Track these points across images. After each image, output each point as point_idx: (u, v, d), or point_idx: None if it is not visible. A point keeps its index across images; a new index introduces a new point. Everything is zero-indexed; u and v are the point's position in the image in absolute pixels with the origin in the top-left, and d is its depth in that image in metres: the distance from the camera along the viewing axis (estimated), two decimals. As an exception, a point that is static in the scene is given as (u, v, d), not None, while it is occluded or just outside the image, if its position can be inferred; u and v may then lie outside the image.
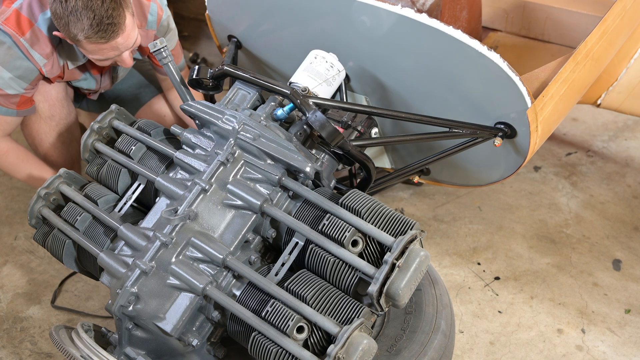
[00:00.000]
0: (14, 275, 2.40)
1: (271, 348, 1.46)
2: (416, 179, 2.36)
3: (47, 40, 2.07)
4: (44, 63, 2.09)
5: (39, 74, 2.13)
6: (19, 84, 2.11)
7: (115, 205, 1.84)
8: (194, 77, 1.92)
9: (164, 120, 2.63)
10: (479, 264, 2.42)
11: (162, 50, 1.89)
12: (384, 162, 2.46)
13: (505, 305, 2.25)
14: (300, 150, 1.68)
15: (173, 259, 1.59)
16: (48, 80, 2.23)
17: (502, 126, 1.97)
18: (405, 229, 1.55)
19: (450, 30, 1.82)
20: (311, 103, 1.75)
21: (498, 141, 1.97)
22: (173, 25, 2.37)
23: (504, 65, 1.83)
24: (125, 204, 1.82)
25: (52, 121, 2.34)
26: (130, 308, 1.56)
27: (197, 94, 2.45)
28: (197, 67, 1.93)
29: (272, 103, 1.79)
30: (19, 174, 2.33)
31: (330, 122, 1.69)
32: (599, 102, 2.56)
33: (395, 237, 1.52)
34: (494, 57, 1.82)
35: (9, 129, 2.26)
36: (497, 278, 2.36)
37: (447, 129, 1.97)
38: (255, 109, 1.83)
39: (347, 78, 2.18)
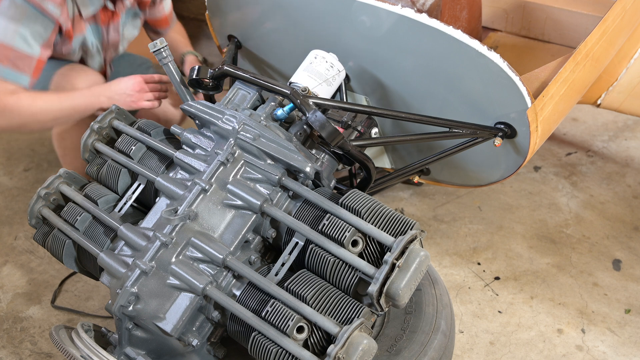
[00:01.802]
0: (14, 275, 2.40)
1: (271, 348, 1.46)
2: (416, 179, 2.36)
3: None
4: (58, 14, 2.05)
5: (55, 26, 2.07)
6: (37, 40, 2.04)
7: (115, 205, 1.84)
8: (194, 77, 1.92)
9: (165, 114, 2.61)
10: (479, 264, 2.42)
11: (162, 50, 1.89)
12: (384, 162, 2.46)
13: (505, 305, 2.25)
14: (300, 150, 1.68)
15: (173, 259, 1.59)
16: (67, 37, 2.16)
17: (502, 126, 1.97)
18: (405, 229, 1.55)
19: (450, 30, 1.82)
20: (311, 103, 1.75)
21: (498, 141, 1.97)
22: None
23: (504, 65, 1.83)
24: (125, 204, 1.82)
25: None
26: (130, 308, 1.56)
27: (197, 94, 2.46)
28: (197, 67, 1.93)
29: (272, 103, 1.79)
30: (45, 116, 2.11)
31: (330, 122, 1.69)
32: (599, 102, 2.56)
33: (395, 237, 1.52)
34: (494, 57, 1.82)
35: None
36: (497, 278, 2.36)
37: (447, 129, 1.97)
38: (255, 109, 1.83)
39: (347, 78, 2.18)
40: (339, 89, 2.09)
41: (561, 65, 2.02)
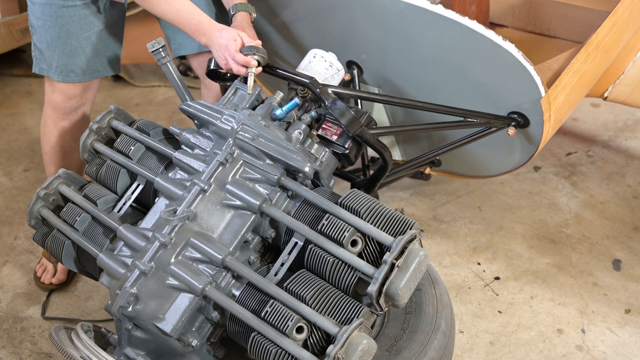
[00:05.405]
0: (14, 275, 2.40)
1: (270, 348, 1.46)
2: (427, 170, 2.36)
3: None
4: None
5: None
6: None
7: (114, 206, 1.84)
8: (211, 67, 1.92)
9: None
10: (479, 264, 2.42)
11: (160, 50, 1.88)
12: (394, 153, 2.46)
13: (505, 305, 2.25)
14: (299, 150, 1.68)
15: (172, 260, 1.58)
16: None
17: (516, 116, 2.00)
18: (405, 229, 1.55)
19: (466, 20, 1.83)
20: (330, 92, 1.79)
21: (511, 130, 1.99)
22: None
23: (518, 55, 1.84)
24: (124, 204, 1.82)
25: (74, 114, 2.22)
26: (130, 309, 1.56)
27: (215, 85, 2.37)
28: (213, 58, 1.91)
29: (271, 103, 1.79)
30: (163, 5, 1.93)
31: (349, 110, 1.74)
32: (605, 94, 2.55)
33: (394, 237, 1.52)
34: (509, 47, 1.84)
35: None
36: (497, 278, 2.36)
37: (462, 118, 1.99)
38: (254, 108, 1.83)
39: (360, 70, 2.20)
40: (351, 81, 2.15)
41: (573, 56, 2.04)
